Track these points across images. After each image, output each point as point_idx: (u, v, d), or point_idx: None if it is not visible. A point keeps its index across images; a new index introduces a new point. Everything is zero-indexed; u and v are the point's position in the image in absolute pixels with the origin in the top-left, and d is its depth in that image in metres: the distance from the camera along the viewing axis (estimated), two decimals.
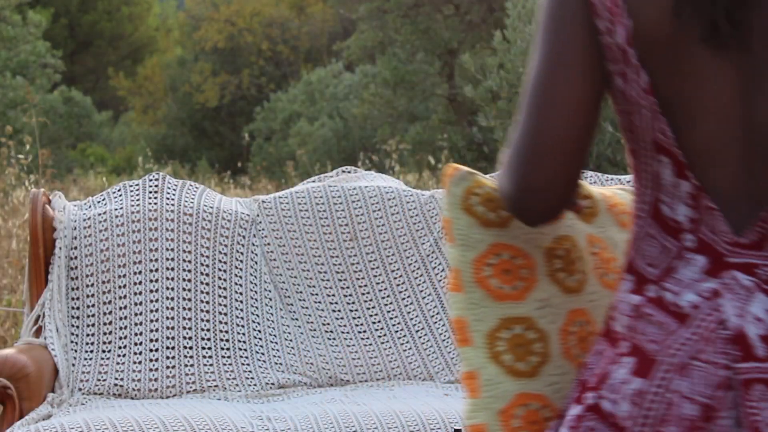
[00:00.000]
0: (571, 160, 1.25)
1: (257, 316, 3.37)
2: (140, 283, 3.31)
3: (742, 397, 1.19)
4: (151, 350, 3.25)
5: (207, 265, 3.37)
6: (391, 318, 3.45)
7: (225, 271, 3.38)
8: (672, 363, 1.21)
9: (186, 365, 3.25)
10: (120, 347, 3.26)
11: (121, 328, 3.28)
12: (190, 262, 3.36)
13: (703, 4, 1.18)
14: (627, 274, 1.30)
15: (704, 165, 1.22)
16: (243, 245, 3.43)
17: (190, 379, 3.24)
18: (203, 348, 3.29)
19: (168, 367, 3.24)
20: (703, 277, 1.23)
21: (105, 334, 3.27)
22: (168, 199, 3.42)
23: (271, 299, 3.41)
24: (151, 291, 3.31)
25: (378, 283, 3.48)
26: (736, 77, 1.20)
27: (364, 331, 3.42)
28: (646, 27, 1.20)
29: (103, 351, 3.26)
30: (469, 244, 1.37)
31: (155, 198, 3.41)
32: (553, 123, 1.23)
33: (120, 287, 3.30)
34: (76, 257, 3.32)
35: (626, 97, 1.25)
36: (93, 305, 3.30)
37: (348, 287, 3.47)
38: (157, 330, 3.27)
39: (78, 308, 3.30)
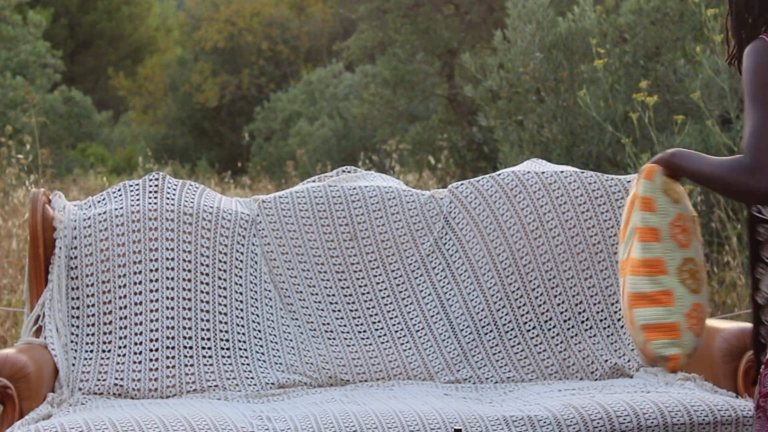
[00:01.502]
0: None
1: (257, 316, 3.37)
2: (140, 283, 3.31)
3: None
4: (151, 350, 3.26)
5: (207, 265, 3.37)
6: (391, 318, 3.45)
7: (225, 271, 3.38)
8: None
9: (186, 365, 3.25)
10: (120, 347, 3.26)
11: (121, 328, 3.27)
12: (190, 262, 3.36)
13: None
14: None
15: None
16: (243, 245, 3.43)
17: (190, 379, 3.24)
18: (203, 348, 3.29)
19: (168, 367, 3.24)
20: None
21: (105, 334, 3.27)
22: (168, 199, 3.42)
23: (271, 299, 3.41)
24: (151, 291, 3.31)
25: (378, 283, 3.48)
26: None
27: (364, 331, 3.42)
28: None
29: (103, 351, 3.26)
30: (667, 213, 2.29)
31: (155, 198, 3.41)
32: None
33: (120, 287, 3.30)
34: (76, 257, 3.32)
35: None
36: (93, 305, 3.30)
37: (348, 287, 3.47)
38: (157, 330, 3.27)
39: (78, 308, 3.30)
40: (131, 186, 3.45)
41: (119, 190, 3.45)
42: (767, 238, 2.26)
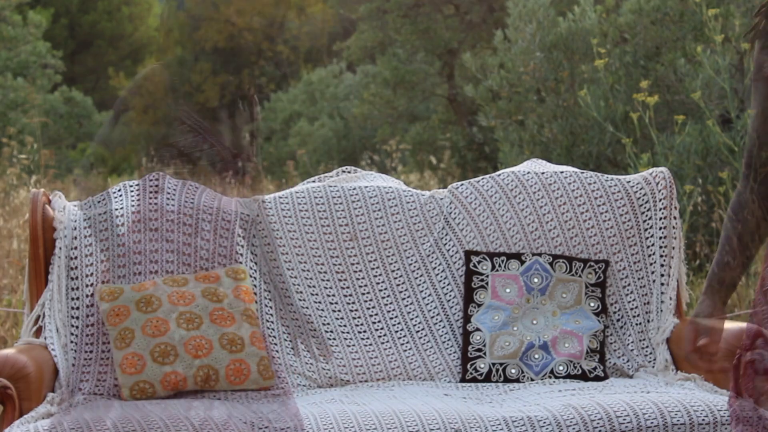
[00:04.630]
0: None
1: (257, 316, 3.37)
2: None
3: None
4: None
5: (207, 267, 3.37)
6: (391, 318, 3.45)
7: None
8: None
9: None
10: None
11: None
12: (190, 264, 3.35)
13: None
14: None
15: None
16: (243, 245, 3.43)
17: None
18: None
19: None
20: None
21: (105, 334, 3.27)
22: (168, 198, 3.42)
23: (271, 299, 3.41)
24: None
25: (378, 283, 3.48)
26: None
27: (364, 331, 3.42)
28: None
29: (103, 351, 3.26)
30: None
31: (155, 198, 3.41)
32: None
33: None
34: (76, 257, 3.32)
35: None
36: (93, 305, 3.29)
37: (348, 287, 3.47)
38: None
39: (78, 308, 3.30)
40: (131, 186, 3.45)
41: (119, 190, 3.45)
42: None
